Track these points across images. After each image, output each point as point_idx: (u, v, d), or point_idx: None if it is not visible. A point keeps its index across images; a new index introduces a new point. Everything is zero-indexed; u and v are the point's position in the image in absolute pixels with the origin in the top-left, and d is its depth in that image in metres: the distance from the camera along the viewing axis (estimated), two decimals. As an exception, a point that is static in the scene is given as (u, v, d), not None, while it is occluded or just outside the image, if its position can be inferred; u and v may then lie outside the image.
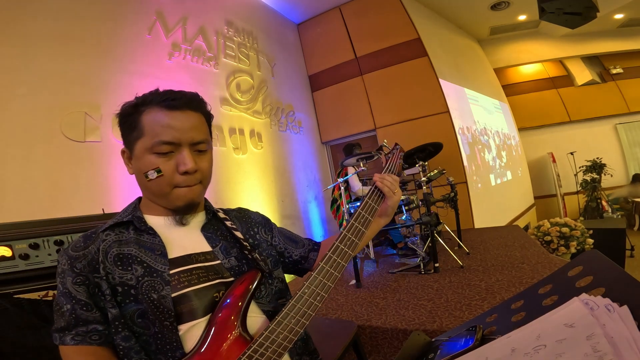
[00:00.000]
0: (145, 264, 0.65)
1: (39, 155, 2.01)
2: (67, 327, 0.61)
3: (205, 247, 0.73)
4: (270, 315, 0.71)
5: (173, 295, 0.63)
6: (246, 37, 3.98)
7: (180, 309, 0.63)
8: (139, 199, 0.78)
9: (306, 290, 0.65)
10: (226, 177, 3.32)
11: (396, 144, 1.00)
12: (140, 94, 0.71)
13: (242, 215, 0.86)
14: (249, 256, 0.74)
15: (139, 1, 2.83)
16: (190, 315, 0.64)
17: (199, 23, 3.35)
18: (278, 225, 0.91)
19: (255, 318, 0.70)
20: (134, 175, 0.72)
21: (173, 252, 0.69)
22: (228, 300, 0.65)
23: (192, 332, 0.63)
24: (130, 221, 0.70)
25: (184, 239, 0.72)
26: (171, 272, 0.65)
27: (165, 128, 0.66)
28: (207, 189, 0.76)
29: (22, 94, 1.99)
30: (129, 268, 0.64)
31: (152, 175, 0.67)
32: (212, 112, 0.77)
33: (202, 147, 0.71)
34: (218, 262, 0.71)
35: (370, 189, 0.80)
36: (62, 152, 2.12)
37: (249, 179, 3.58)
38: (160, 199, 0.71)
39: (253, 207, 0.92)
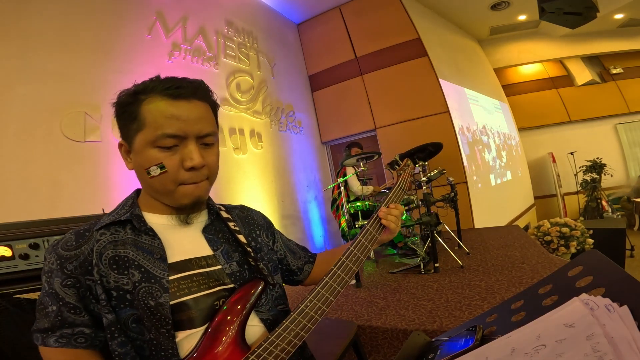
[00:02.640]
0: (143, 269, 0.60)
1: (39, 155, 2.01)
2: (51, 328, 0.57)
3: (207, 250, 0.68)
4: (269, 324, 0.69)
5: (171, 302, 0.60)
6: (246, 37, 3.98)
7: (178, 317, 0.60)
8: (137, 192, 0.72)
9: (308, 304, 0.62)
10: (226, 177, 3.32)
11: (407, 161, 0.96)
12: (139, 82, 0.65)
13: (245, 215, 0.82)
14: (252, 263, 0.70)
15: (139, 1, 2.84)
16: (189, 324, 0.61)
17: (199, 23, 3.35)
18: (278, 225, 0.87)
19: (254, 328, 0.67)
20: (133, 171, 0.67)
21: (173, 256, 0.64)
22: (228, 310, 0.63)
23: (189, 339, 0.61)
24: (129, 220, 0.65)
25: (185, 242, 0.68)
26: (170, 278, 0.61)
27: (170, 119, 0.60)
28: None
29: (22, 94, 1.99)
30: (126, 272, 0.60)
31: (155, 171, 0.61)
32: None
33: (209, 140, 0.65)
34: (219, 267, 0.67)
35: (374, 217, 0.75)
36: (62, 152, 2.12)
37: (249, 179, 3.58)
38: (163, 197, 0.66)
39: (253, 207, 0.90)
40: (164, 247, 0.64)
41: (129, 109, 0.62)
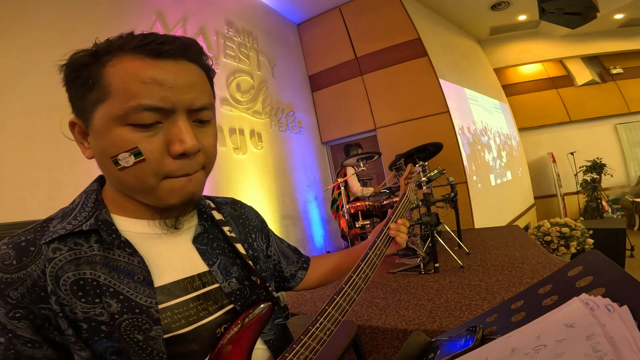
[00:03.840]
0: (121, 296, 0.45)
1: (39, 155, 2.01)
2: None
3: (201, 266, 0.54)
4: (271, 344, 0.61)
5: (166, 336, 0.47)
6: (246, 37, 3.98)
7: (174, 350, 0.48)
8: (101, 181, 0.54)
9: (319, 326, 0.55)
10: (226, 177, 3.32)
11: (411, 168, 0.94)
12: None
13: (239, 215, 0.69)
14: (254, 279, 0.59)
15: (139, 1, 2.84)
16: (189, 358, 0.50)
17: (199, 23, 3.35)
18: (278, 225, 0.84)
19: (257, 351, 0.58)
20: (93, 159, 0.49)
21: (160, 277, 0.49)
22: (233, 339, 0.53)
23: None
24: (94, 229, 0.47)
25: (173, 255, 0.52)
26: (161, 307, 0.47)
27: (149, 85, 0.42)
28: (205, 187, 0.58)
29: (22, 94, 1.99)
30: (97, 301, 0.44)
31: (127, 160, 0.43)
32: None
33: (205, 116, 0.48)
34: (216, 285, 0.54)
35: (384, 233, 0.74)
36: (62, 151, 2.12)
37: (249, 179, 3.58)
38: (141, 195, 0.48)
39: (253, 207, 0.85)
40: (146, 265, 0.48)
41: (84, 72, 0.44)
